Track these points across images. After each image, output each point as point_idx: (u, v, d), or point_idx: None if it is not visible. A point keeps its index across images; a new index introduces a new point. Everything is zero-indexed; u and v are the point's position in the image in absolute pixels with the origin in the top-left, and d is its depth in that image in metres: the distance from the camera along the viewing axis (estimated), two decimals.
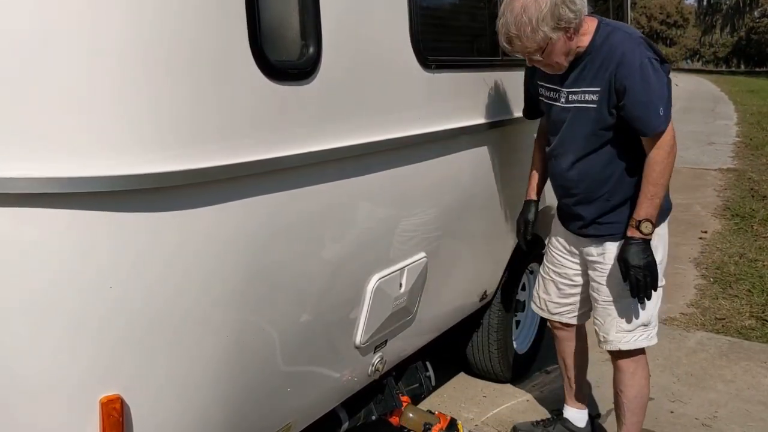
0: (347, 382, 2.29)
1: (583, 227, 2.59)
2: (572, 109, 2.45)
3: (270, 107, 1.68)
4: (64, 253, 1.40)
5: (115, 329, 1.48)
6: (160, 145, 1.46)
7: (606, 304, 2.59)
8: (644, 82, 2.29)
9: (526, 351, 3.63)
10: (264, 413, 1.96)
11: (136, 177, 1.41)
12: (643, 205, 2.38)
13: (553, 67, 2.40)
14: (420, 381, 2.81)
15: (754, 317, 4.51)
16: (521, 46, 2.29)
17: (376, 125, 2.05)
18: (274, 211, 1.72)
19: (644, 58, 2.30)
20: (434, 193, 2.43)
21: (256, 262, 1.70)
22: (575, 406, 3.00)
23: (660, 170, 2.35)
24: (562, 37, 2.27)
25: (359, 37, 1.98)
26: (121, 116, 1.41)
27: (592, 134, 2.43)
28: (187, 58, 1.49)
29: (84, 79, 1.37)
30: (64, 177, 1.36)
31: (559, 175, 2.59)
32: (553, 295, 2.83)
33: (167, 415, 1.63)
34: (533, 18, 2.20)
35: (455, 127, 2.44)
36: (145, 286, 1.49)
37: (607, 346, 2.62)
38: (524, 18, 2.21)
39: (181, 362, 1.61)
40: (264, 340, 1.82)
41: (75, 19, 1.36)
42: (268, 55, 1.65)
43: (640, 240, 2.38)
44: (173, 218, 1.50)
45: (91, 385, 1.48)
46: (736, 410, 3.33)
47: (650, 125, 2.32)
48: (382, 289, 2.18)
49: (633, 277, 2.39)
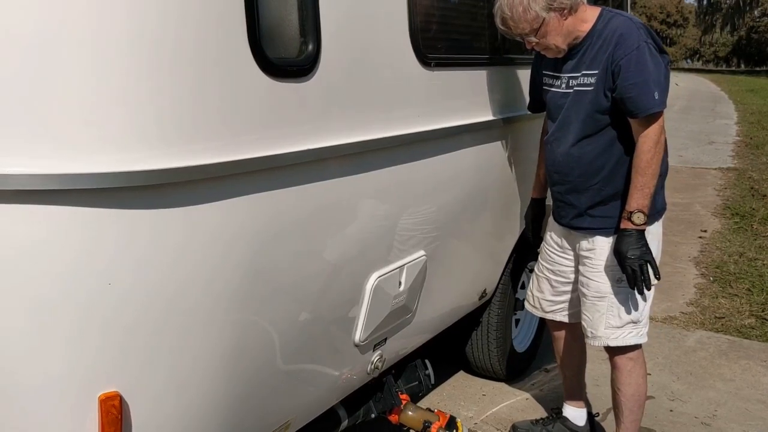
0: (346, 380, 2.29)
1: (574, 218, 2.60)
2: (571, 94, 2.48)
3: (269, 104, 1.68)
4: (67, 250, 1.41)
5: (116, 326, 1.48)
6: (163, 141, 1.46)
7: (595, 300, 2.59)
8: (640, 63, 2.30)
9: (525, 349, 3.63)
10: (263, 411, 1.96)
11: (139, 173, 1.41)
12: (634, 195, 2.39)
13: (551, 50, 2.45)
14: (419, 379, 2.81)
15: (753, 316, 4.51)
16: (515, 27, 2.38)
17: (375, 123, 2.05)
18: (273, 208, 1.73)
19: (642, 41, 2.32)
20: (434, 191, 2.43)
21: (256, 258, 1.70)
22: (574, 404, 3.00)
23: (647, 159, 2.35)
24: (555, 16, 2.33)
25: (359, 34, 1.98)
26: (124, 112, 1.41)
27: (588, 117, 2.45)
28: (187, 55, 1.49)
29: (86, 77, 1.38)
30: (68, 173, 1.36)
31: (553, 160, 2.60)
32: (546, 293, 2.84)
33: (166, 413, 1.63)
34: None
35: (454, 125, 2.43)
36: (148, 283, 1.49)
37: (595, 341, 2.63)
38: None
39: (181, 360, 1.61)
40: (263, 337, 1.82)
41: (78, 17, 1.36)
42: (268, 52, 1.65)
43: (633, 231, 2.39)
44: (176, 215, 1.50)
45: (90, 382, 1.48)
46: (736, 409, 3.34)
47: (642, 105, 2.32)
48: (382, 287, 2.18)
49: (629, 268, 2.40)
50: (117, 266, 1.45)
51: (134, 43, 1.41)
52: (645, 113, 2.32)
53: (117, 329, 1.48)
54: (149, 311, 1.51)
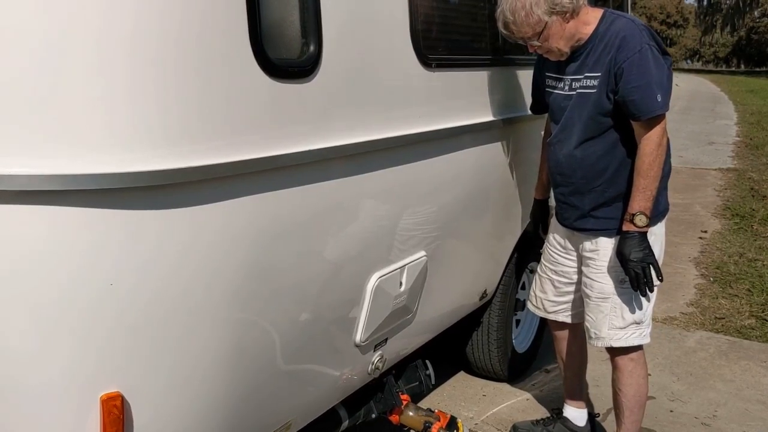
0: (347, 380, 2.29)
1: (578, 219, 2.60)
2: (574, 96, 2.48)
3: (271, 105, 1.68)
4: (73, 251, 1.41)
5: (119, 327, 1.48)
6: (168, 141, 1.46)
7: (599, 301, 2.59)
8: (642, 66, 2.30)
9: (526, 350, 3.63)
10: (264, 411, 1.96)
11: (143, 174, 1.42)
12: (636, 198, 2.39)
13: (554, 53, 2.46)
14: (420, 379, 2.81)
15: (753, 316, 4.52)
16: (517, 31, 2.39)
17: (377, 123, 2.05)
18: (275, 208, 1.73)
19: (644, 44, 2.32)
20: (435, 191, 2.43)
21: (259, 259, 1.70)
22: (575, 405, 3.00)
23: (649, 162, 2.35)
24: (557, 20, 2.34)
25: (360, 35, 1.98)
26: (128, 113, 1.42)
27: (590, 119, 2.45)
28: (190, 56, 1.49)
29: (91, 77, 1.38)
30: (73, 174, 1.36)
31: (556, 162, 2.60)
32: (549, 293, 2.84)
33: (167, 413, 1.63)
34: (526, 2, 2.32)
35: (455, 126, 2.44)
36: (151, 284, 1.50)
37: (599, 342, 2.63)
38: (518, 3, 2.34)
39: (183, 360, 1.61)
40: (264, 338, 1.82)
41: (82, 18, 1.36)
42: (269, 53, 1.65)
43: (636, 233, 2.39)
44: (179, 215, 1.51)
45: (92, 383, 1.49)
46: (736, 409, 3.34)
47: (644, 108, 2.32)
48: (382, 287, 2.18)
49: (631, 270, 2.40)
50: (120, 267, 1.45)
51: (138, 43, 1.42)
52: (647, 116, 2.32)
53: (120, 330, 1.48)
54: (152, 312, 1.52)
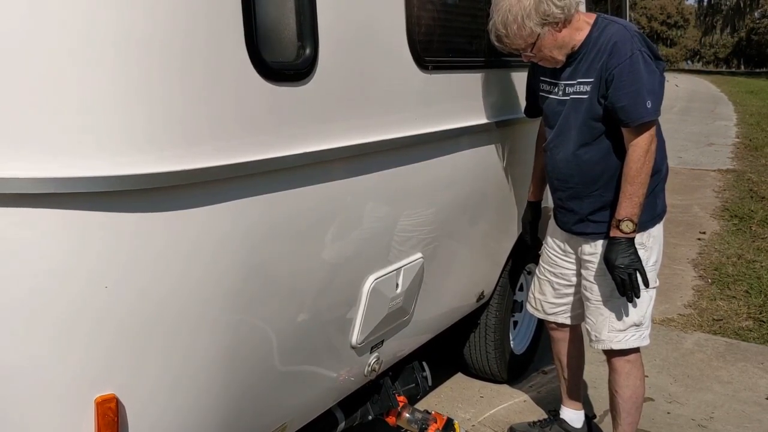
0: (343, 382, 2.29)
1: (576, 223, 2.60)
2: (568, 101, 2.48)
3: (266, 108, 1.68)
4: (58, 254, 1.41)
5: (110, 329, 1.48)
6: (155, 145, 1.46)
7: (598, 303, 2.60)
8: (633, 72, 2.30)
9: (523, 351, 3.63)
10: (259, 413, 1.96)
11: (130, 177, 1.41)
12: (623, 204, 2.39)
13: (548, 61, 2.46)
14: (417, 381, 2.81)
15: (751, 318, 4.52)
16: (510, 44, 2.39)
17: (373, 126, 2.05)
18: (270, 211, 1.73)
19: (636, 50, 2.32)
20: (431, 193, 2.43)
21: (251, 262, 1.70)
22: (572, 406, 3.00)
23: (637, 168, 2.35)
24: (550, 30, 2.35)
25: (356, 38, 1.98)
26: (116, 117, 1.42)
27: (583, 125, 2.45)
28: (183, 59, 1.49)
29: (78, 80, 1.38)
30: (57, 177, 1.36)
31: (553, 167, 2.60)
32: (548, 295, 2.84)
33: (162, 415, 1.63)
34: (518, 16, 2.31)
35: (452, 128, 2.44)
36: (139, 286, 1.49)
37: (599, 345, 2.63)
38: (509, 17, 2.33)
39: (177, 362, 1.61)
40: (259, 340, 1.83)
41: (69, 20, 1.36)
42: (265, 56, 1.65)
43: (622, 239, 2.39)
44: (167, 219, 1.50)
45: (86, 385, 1.49)
46: (733, 411, 3.34)
47: (634, 115, 2.31)
48: (379, 289, 2.19)
49: (617, 276, 2.40)
50: (110, 269, 1.45)
51: (130, 47, 1.41)
52: (637, 122, 2.32)
53: (111, 332, 1.48)
54: (147, 314, 1.52)
